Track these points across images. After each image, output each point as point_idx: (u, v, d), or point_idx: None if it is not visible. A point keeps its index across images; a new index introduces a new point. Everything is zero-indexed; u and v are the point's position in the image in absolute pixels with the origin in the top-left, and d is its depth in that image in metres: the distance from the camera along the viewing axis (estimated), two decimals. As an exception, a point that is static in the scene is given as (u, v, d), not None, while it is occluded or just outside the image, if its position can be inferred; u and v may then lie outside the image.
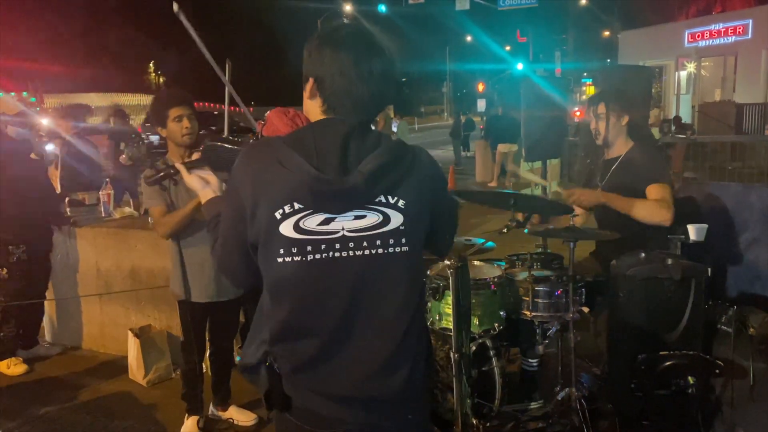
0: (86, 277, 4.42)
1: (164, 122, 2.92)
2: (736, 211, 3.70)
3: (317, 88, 1.39)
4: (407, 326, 1.40)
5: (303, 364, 1.37)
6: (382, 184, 1.33)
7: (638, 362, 2.45)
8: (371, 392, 1.38)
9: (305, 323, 1.36)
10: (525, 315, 2.92)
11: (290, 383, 1.40)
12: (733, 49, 18.88)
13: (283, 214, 1.30)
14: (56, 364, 4.29)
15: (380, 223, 1.34)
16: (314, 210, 1.31)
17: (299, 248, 1.31)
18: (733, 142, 12.34)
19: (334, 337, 1.36)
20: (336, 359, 1.36)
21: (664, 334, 2.54)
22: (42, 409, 3.62)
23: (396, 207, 1.35)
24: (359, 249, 1.34)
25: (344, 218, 1.33)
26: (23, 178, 3.98)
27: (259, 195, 1.31)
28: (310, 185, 1.29)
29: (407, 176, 1.36)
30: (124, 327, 4.14)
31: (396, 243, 1.36)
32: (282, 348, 1.39)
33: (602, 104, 3.13)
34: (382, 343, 1.38)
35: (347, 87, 1.36)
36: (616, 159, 3.14)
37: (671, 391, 2.45)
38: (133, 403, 3.68)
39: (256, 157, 1.36)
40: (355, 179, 1.30)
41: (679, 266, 2.49)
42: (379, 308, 1.37)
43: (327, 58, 1.37)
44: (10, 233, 4.03)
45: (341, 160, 1.33)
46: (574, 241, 2.75)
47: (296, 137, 1.37)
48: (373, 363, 1.37)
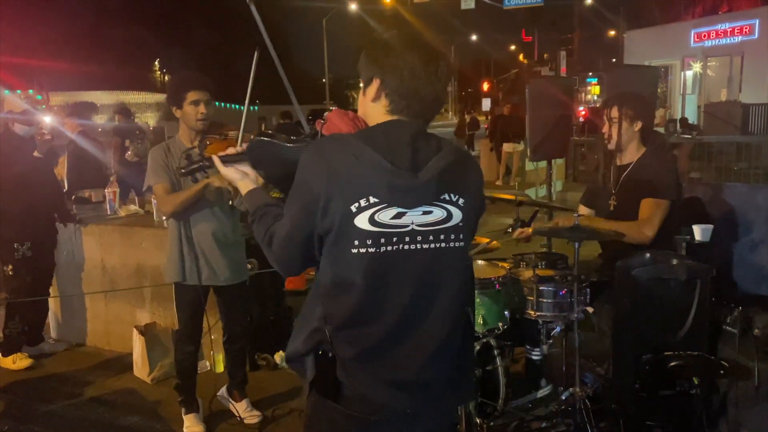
0: (91, 275, 4.44)
1: (180, 103, 2.91)
2: (742, 211, 3.70)
3: (383, 89, 1.44)
4: (457, 315, 1.51)
5: (368, 349, 1.44)
6: (448, 182, 1.42)
7: (643, 362, 2.45)
8: (427, 377, 1.47)
9: (374, 310, 1.43)
10: (529, 315, 2.92)
11: (346, 370, 1.44)
12: (740, 49, 18.76)
13: (358, 207, 1.36)
14: (61, 360, 4.31)
15: (444, 219, 1.43)
16: (389, 204, 1.37)
17: (374, 240, 1.38)
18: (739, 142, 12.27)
19: (400, 323, 1.43)
20: (399, 345, 1.44)
21: (668, 334, 2.54)
22: (47, 405, 3.64)
23: (457, 204, 1.44)
24: (426, 242, 1.42)
25: (414, 213, 1.40)
26: (28, 175, 3.99)
27: (334, 188, 1.36)
28: (388, 180, 1.35)
29: (465, 177, 1.47)
30: (129, 324, 4.16)
31: (456, 238, 1.45)
32: (347, 334, 1.44)
33: (615, 108, 3.08)
34: (439, 331, 1.46)
35: (417, 87, 1.42)
36: (628, 166, 3.10)
37: (675, 391, 2.45)
38: (138, 400, 3.69)
39: (329, 151, 1.39)
40: (429, 176, 1.38)
41: (684, 267, 2.49)
42: (438, 297, 1.45)
43: (397, 59, 1.42)
44: (15, 230, 4.05)
45: (412, 157, 1.39)
46: (579, 241, 2.74)
47: (367, 134, 1.44)
48: (430, 349, 1.45)
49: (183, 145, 2.93)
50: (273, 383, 3.79)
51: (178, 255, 3.01)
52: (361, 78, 1.51)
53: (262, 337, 4.07)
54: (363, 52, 1.50)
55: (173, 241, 3.03)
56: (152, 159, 2.97)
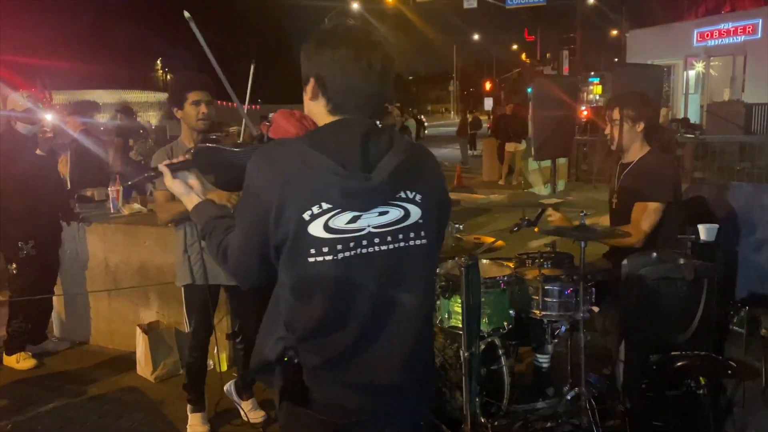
0: (95, 273, 4.43)
1: (181, 104, 2.89)
2: (747, 211, 3.68)
3: (319, 87, 1.40)
4: (426, 316, 1.48)
5: (334, 357, 1.40)
6: (403, 180, 1.37)
7: (650, 362, 2.44)
8: (397, 380, 1.43)
9: (338, 318, 1.39)
10: (534, 314, 2.91)
11: (314, 377, 1.42)
12: (743, 49, 18.71)
13: (311, 214, 1.32)
14: (65, 359, 4.31)
15: (402, 218, 1.39)
16: (342, 209, 1.33)
17: (330, 247, 1.34)
18: (742, 142, 12.24)
19: (365, 329, 1.40)
20: (367, 351, 1.40)
21: (675, 334, 2.53)
22: (50, 403, 3.63)
23: (414, 201, 1.40)
24: (384, 244, 1.38)
25: (369, 215, 1.36)
26: (32, 173, 3.98)
27: (285, 197, 1.32)
28: (340, 185, 1.31)
29: (422, 172, 1.42)
30: (132, 323, 4.15)
31: (416, 236, 1.41)
32: (313, 344, 1.41)
33: (617, 109, 3.09)
34: (407, 333, 1.43)
35: (349, 84, 1.37)
36: (630, 164, 3.12)
37: (682, 391, 2.44)
38: (141, 399, 3.69)
39: (277, 159, 1.35)
40: (381, 176, 1.33)
41: (691, 266, 2.47)
42: (403, 299, 1.41)
43: (327, 57, 1.37)
44: (18, 229, 4.04)
45: (363, 158, 1.35)
46: (585, 241, 2.73)
47: (315, 137, 1.38)
48: (400, 352, 1.42)
49: (185, 147, 2.90)
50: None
51: (185, 257, 2.99)
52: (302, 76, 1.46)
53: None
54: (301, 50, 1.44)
55: (179, 245, 3.01)
56: (155, 162, 2.92)
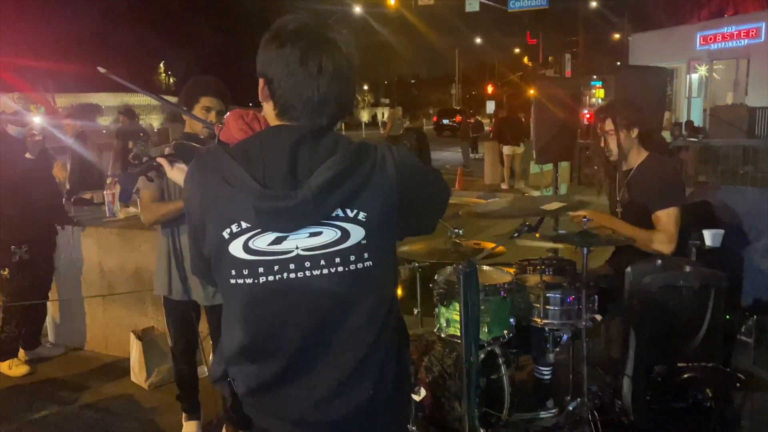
0: (90, 278, 4.38)
1: (191, 107, 2.79)
2: (753, 216, 3.62)
3: (268, 89, 1.27)
4: (372, 343, 1.28)
5: (259, 387, 1.29)
6: (337, 197, 1.19)
7: (655, 374, 2.37)
8: (332, 414, 1.27)
9: (261, 348, 1.26)
10: (536, 322, 2.84)
11: (246, 405, 1.33)
12: (746, 52, 18.65)
13: (230, 233, 1.21)
14: (58, 365, 4.25)
15: (338, 240, 1.22)
16: (262, 229, 1.20)
17: (250, 270, 1.22)
18: (745, 145, 12.17)
19: (293, 361, 1.26)
20: (295, 383, 1.27)
21: (681, 344, 2.46)
22: (42, 411, 3.58)
23: (356, 221, 1.22)
24: (316, 268, 1.22)
25: (298, 236, 1.21)
26: (23, 177, 3.92)
27: (206, 213, 1.23)
28: (254, 203, 1.17)
29: (368, 184, 1.21)
30: (127, 328, 4.09)
31: (358, 259, 1.23)
32: (237, 370, 1.31)
33: (608, 121, 3.03)
34: (344, 363, 1.26)
35: (294, 87, 1.23)
36: (630, 171, 3.06)
37: (689, 403, 2.37)
38: (135, 406, 3.63)
39: (201, 172, 1.26)
40: (305, 193, 1.17)
41: (698, 274, 2.40)
42: (341, 328, 1.26)
43: (273, 57, 1.24)
44: (11, 233, 3.98)
45: (289, 172, 1.20)
46: (587, 247, 2.66)
47: (243, 148, 1.26)
48: (334, 383, 1.26)
49: None
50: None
51: (165, 267, 2.88)
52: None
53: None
54: None
55: (161, 252, 2.91)
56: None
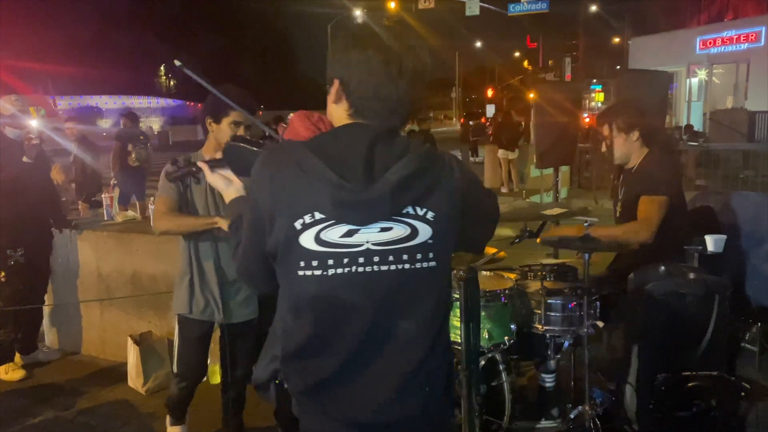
0: (87, 282, 4.34)
1: (219, 119, 2.66)
2: (755, 221, 3.58)
3: (343, 90, 1.30)
4: (430, 346, 1.31)
5: (317, 384, 1.29)
6: (410, 194, 1.23)
7: (658, 382, 2.33)
8: (387, 418, 1.29)
9: (323, 341, 1.27)
10: (537, 329, 2.81)
11: (300, 404, 1.31)
12: (746, 57, 18.67)
13: (303, 224, 1.22)
14: (55, 369, 4.22)
15: (407, 236, 1.25)
16: (336, 221, 1.22)
17: (320, 261, 1.23)
18: (745, 150, 12.16)
19: (354, 357, 1.27)
20: (353, 381, 1.27)
21: (685, 352, 2.42)
22: (38, 416, 3.54)
23: (424, 219, 1.26)
24: (384, 264, 1.24)
25: (369, 230, 1.24)
26: (20, 180, 3.90)
27: (278, 204, 1.24)
28: (332, 193, 1.20)
29: (437, 186, 1.27)
30: (124, 333, 4.06)
31: (423, 258, 1.27)
32: (296, 366, 1.30)
33: (605, 127, 3.04)
34: (403, 365, 1.28)
35: (376, 88, 1.28)
36: (632, 169, 3.08)
37: (693, 412, 2.33)
38: (131, 412, 3.59)
39: (274, 163, 1.27)
40: (382, 188, 1.20)
41: (702, 281, 2.37)
42: (403, 327, 1.28)
43: (354, 58, 1.28)
44: (7, 236, 3.95)
45: (366, 167, 1.23)
46: (589, 252, 2.63)
47: (318, 142, 1.29)
48: (392, 386, 1.28)
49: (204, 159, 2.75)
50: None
51: (188, 284, 2.73)
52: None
53: (259, 346, 3.95)
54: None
55: (183, 269, 2.75)
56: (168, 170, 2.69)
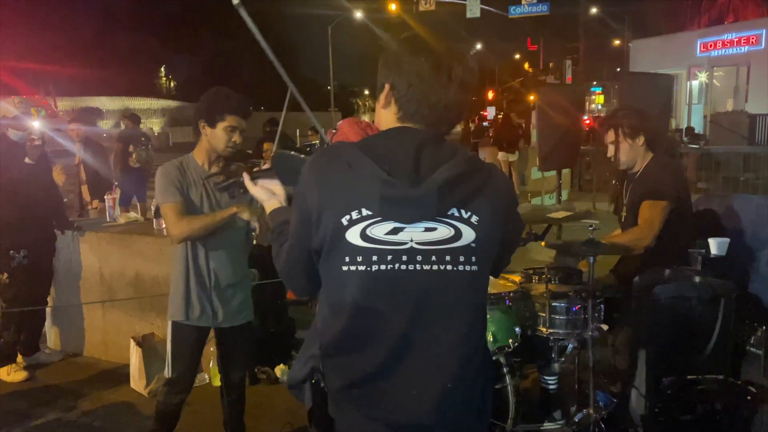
0: (89, 283, 4.34)
1: (213, 123, 2.58)
2: (758, 224, 3.57)
3: (393, 95, 1.34)
4: (468, 355, 1.32)
5: (356, 381, 1.30)
6: (456, 196, 1.26)
7: (663, 386, 2.33)
8: (424, 419, 1.29)
9: (363, 337, 1.29)
10: (541, 332, 2.80)
11: (337, 403, 1.32)
12: (746, 59, 18.69)
13: (350, 220, 1.25)
14: (57, 371, 4.22)
15: (451, 238, 1.27)
16: (383, 218, 1.24)
17: (364, 257, 1.25)
18: (746, 152, 12.16)
19: (392, 355, 1.28)
20: (390, 380, 1.29)
21: (690, 355, 2.42)
22: (41, 418, 3.54)
23: (469, 222, 1.28)
24: (427, 263, 1.26)
25: (414, 229, 1.25)
26: (22, 181, 3.90)
27: (326, 199, 1.26)
28: (381, 190, 1.22)
29: (481, 192, 1.29)
30: (126, 334, 4.06)
31: (466, 261, 1.28)
32: (335, 362, 1.32)
33: (611, 132, 3.04)
34: (441, 368, 1.29)
35: (425, 94, 1.31)
36: (636, 174, 3.08)
37: (698, 416, 2.33)
38: (134, 414, 3.59)
39: (324, 160, 1.31)
40: (429, 188, 1.23)
41: (708, 284, 2.37)
42: (441, 329, 1.29)
43: (405, 64, 1.32)
44: (10, 238, 3.95)
45: (414, 168, 1.26)
46: (594, 256, 2.63)
47: (367, 142, 1.32)
48: (432, 387, 1.29)
49: (199, 167, 2.66)
50: (273, 398, 3.68)
51: (183, 290, 2.67)
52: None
53: (263, 349, 3.96)
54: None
55: (178, 274, 2.68)
56: (164, 176, 2.59)
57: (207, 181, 2.61)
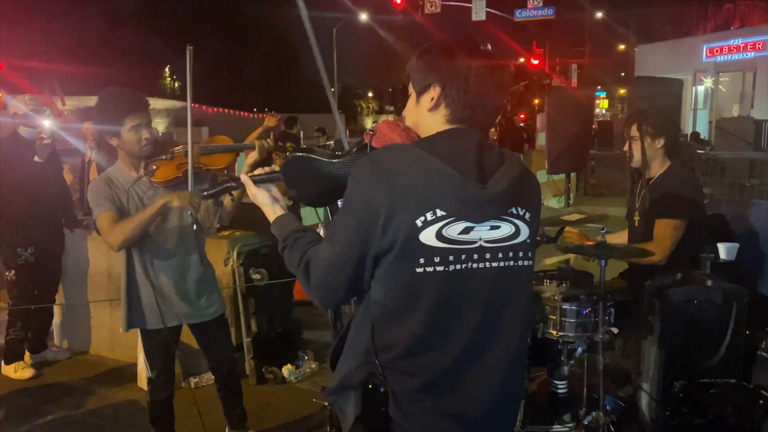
0: (97, 281, 4.35)
1: (118, 132, 2.49)
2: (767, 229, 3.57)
3: (444, 97, 1.33)
4: (524, 340, 1.41)
5: (433, 379, 1.30)
6: (516, 195, 1.32)
7: (675, 389, 2.32)
8: (490, 412, 1.34)
9: (439, 335, 1.30)
10: (551, 334, 2.80)
11: (404, 406, 1.30)
12: (752, 65, 18.66)
13: (424, 221, 1.25)
14: (64, 369, 4.22)
15: (512, 235, 1.33)
16: (457, 217, 1.26)
17: (442, 258, 1.26)
18: (752, 158, 12.13)
19: (466, 350, 1.31)
20: (464, 376, 1.31)
21: (702, 359, 2.42)
22: (48, 416, 3.55)
23: (524, 219, 1.34)
24: (495, 260, 1.31)
25: (482, 228, 1.29)
26: (32, 179, 3.90)
27: (397, 202, 1.24)
28: (456, 191, 1.24)
29: (530, 189, 1.38)
30: (133, 333, 4.00)
31: (524, 256, 1.35)
32: (408, 363, 1.30)
33: (634, 126, 3.02)
34: (506, 357, 1.35)
35: (483, 97, 1.33)
36: (651, 180, 3.05)
37: (709, 420, 2.32)
38: (142, 412, 3.55)
39: (388, 162, 1.27)
40: (497, 188, 1.27)
41: (719, 289, 2.37)
42: (506, 321, 1.34)
43: (462, 67, 1.31)
44: (17, 235, 3.96)
45: (478, 168, 1.28)
46: (605, 259, 2.62)
47: (429, 143, 1.32)
48: (498, 379, 1.34)
49: (127, 175, 2.58)
50: (280, 398, 3.68)
51: (136, 297, 2.62)
52: (413, 85, 1.39)
53: (270, 349, 3.97)
54: (417, 56, 1.37)
55: (127, 283, 2.63)
56: (92, 192, 2.55)
57: (132, 188, 2.53)
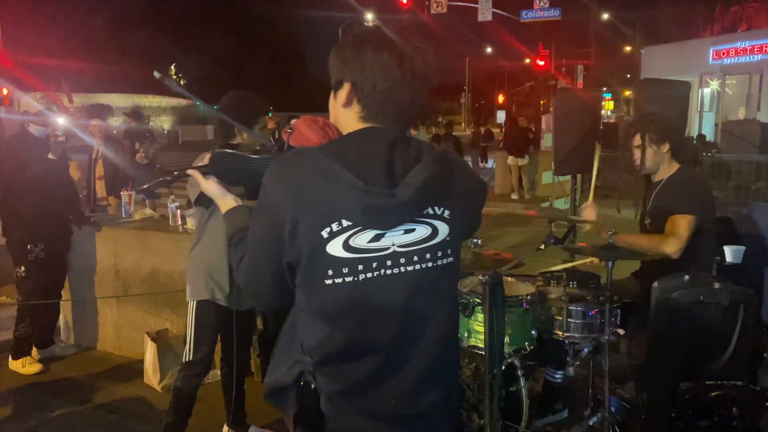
0: (104, 278, 4.37)
1: (252, 127, 2.68)
2: (775, 233, 3.57)
3: (355, 94, 1.29)
4: (450, 336, 1.39)
5: (356, 384, 1.29)
6: (431, 195, 1.26)
7: (681, 391, 2.33)
8: (419, 407, 1.33)
9: (360, 344, 1.28)
10: (557, 335, 2.81)
11: (332, 405, 1.31)
12: (759, 68, 18.60)
13: (330, 232, 1.21)
14: (71, 364, 4.25)
15: (429, 236, 1.28)
16: (364, 226, 1.22)
17: (350, 268, 1.23)
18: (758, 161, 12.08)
19: (390, 355, 1.29)
20: (391, 377, 1.30)
21: (708, 361, 2.42)
22: (56, 411, 3.57)
23: (442, 218, 1.29)
24: (410, 264, 1.27)
25: (394, 233, 1.25)
26: (43, 176, 3.93)
27: (301, 212, 1.20)
28: (361, 200, 1.19)
29: (450, 185, 1.30)
30: (140, 330, 4.08)
31: (443, 255, 1.31)
32: (333, 369, 1.30)
33: (637, 136, 3.03)
34: (430, 356, 1.33)
35: (391, 91, 1.27)
36: (660, 183, 3.07)
37: (714, 422, 2.33)
38: (148, 409, 3.61)
39: (294, 170, 1.23)
40: (407, 192, 1.21)
41: (727, 291, 2.37)
42: (428, 321, 1.32)
43: (368, 60, 1.26)
44: (28, 232, 3.98)
45: (387, 171, 1.24)
46: (612, 260, 2.63)
47: (336, 148, 1.27)
48: (423, 376, 1.33)
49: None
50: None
51: (206, 266, 2.69)
52: (331, 81, 1.34)
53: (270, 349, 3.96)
54: (332, 51, 1.33)
55: (204, 249, 2.70)
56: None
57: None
